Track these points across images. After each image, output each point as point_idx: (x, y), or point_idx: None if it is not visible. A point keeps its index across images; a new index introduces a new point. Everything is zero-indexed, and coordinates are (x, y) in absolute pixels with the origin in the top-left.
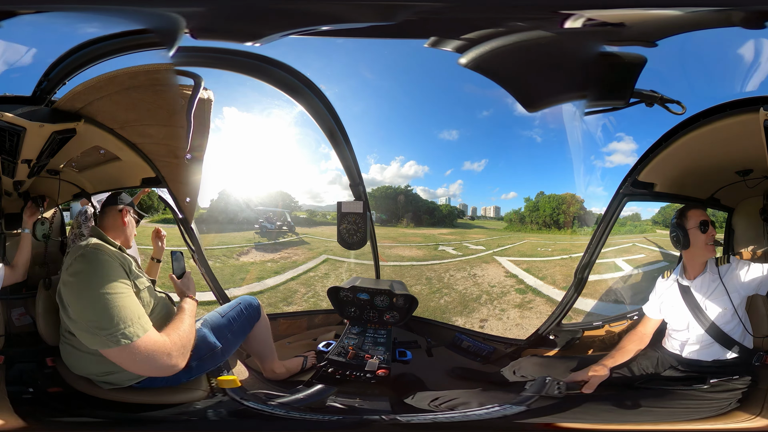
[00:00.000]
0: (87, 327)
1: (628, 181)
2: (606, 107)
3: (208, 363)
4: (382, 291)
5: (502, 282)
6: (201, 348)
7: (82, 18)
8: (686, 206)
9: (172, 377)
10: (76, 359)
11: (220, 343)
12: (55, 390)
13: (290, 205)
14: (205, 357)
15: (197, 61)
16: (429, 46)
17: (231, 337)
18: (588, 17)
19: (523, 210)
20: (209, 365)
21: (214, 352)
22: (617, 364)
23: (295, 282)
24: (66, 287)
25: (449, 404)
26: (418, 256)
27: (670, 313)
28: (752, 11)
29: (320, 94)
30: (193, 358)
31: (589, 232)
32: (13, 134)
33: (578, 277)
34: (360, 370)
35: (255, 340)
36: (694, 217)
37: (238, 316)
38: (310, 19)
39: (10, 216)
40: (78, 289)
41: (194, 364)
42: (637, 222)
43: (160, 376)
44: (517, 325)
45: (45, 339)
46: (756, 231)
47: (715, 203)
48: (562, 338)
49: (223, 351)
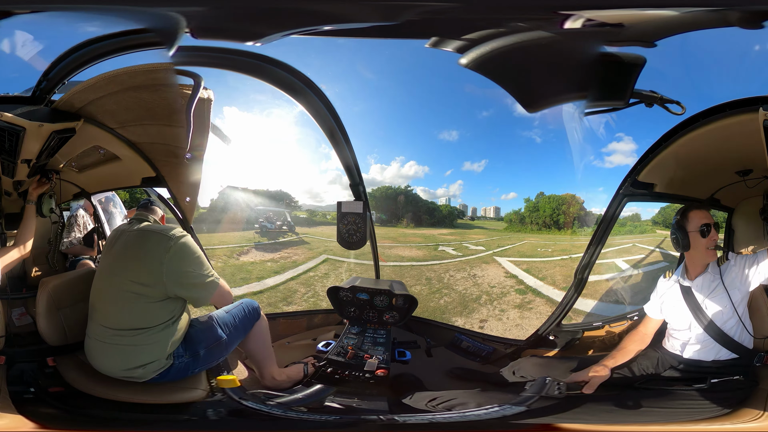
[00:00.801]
0: (199, 282)
1: (628, 182)
2: (606, 107)
3: (215, 353)
4: (382, 291)
5: (502, 282)
6: (209, 337)
7: (81, 17)
8: (688, 206)
9: (184, 369)
10: (105, 356)
11: (225, 335)
12: (56, 390)
13: (290, 204)
14: (212, 346)
15: (198, 61)
16: (430, 46)
17: (234, 332)
18: (587, 18)
19: (523, 210)
20: (215, 356)
21: (219, 342)
22: (618, 364)
23: (295, 282)
24: (179, 260)
25: (447, 404)
26: (418, 257)
27: (671, 314)
28: (750, 11)
29: (321, 94)
30: (201, 345)
31: (589, 232)
32: (13, 134)
33: (578, 278)
34: (359, 369)
35: (254, 341)
36: (696, 219)
37: (239, 314)
38: (311, 19)
39: (10, 216)
40: (191, 258)
41: (202, 353)
42: (637, 222)
43: (227, 305)
44: (516, 325)
45: (45, 339)
46: (756, 231)
47: (715, 203)
48: (562, 339)
49: (227, 344)
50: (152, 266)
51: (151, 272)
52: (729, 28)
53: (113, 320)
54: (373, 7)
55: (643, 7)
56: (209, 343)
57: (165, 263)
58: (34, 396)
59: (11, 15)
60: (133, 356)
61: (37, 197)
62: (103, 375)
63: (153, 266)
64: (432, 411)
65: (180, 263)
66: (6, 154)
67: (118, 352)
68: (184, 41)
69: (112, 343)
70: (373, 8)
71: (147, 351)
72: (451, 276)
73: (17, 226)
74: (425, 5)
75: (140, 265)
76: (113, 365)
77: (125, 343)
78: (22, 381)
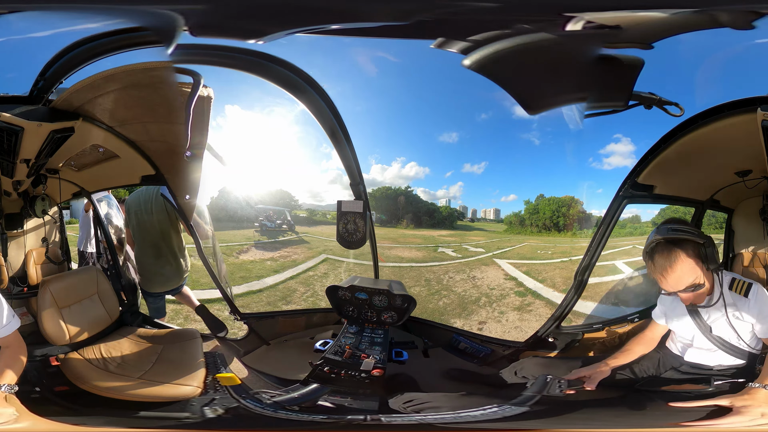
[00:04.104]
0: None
1: (628, 184)
2: (605, 109)
3: None
4: (381, 291)
5: (501, 284)
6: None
7: (79, 16)
8: (654, 247)
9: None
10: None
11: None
12: (61, 389)
13: (290, 203)
14: None
15: (199, 59)
16: (435, 47)
17: None
18: (587, 20)
19: (523, 212)
20: None
21: None
22: (620, 364)
23: (294, 281)
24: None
25: (424, 407)
26: (418, 258)
27: (676, 326)
28: (737, 11)
29: (323, 93)
30: None
31: (589, 234)
32: (11, 134)
33: (578, 280)
34: (355, 369)
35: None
36: (655, 275)
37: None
38: (319, 17)
39: (10, 216)
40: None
41: None
42: (637, 224)
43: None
44: (516, 327)
45: (47, 338)
46: (756, 231)
47: (715, 204)
48: (561, 341)
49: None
50: None
51: None
52: (724, 29)
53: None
54: (379, 7)
55: (638, 9)
56: None
57: None
58: (41, 395)
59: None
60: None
61: (30, 199)
62: (103, 374)
63: None
64: (423, 412)
65: None
66: (5, 154)
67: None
68: (186, 39)
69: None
70: (378, 8)
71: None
72: (451, 277)
73: (17, 226)
74: (433, 6)
75: None
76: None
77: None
78: (26, 381)
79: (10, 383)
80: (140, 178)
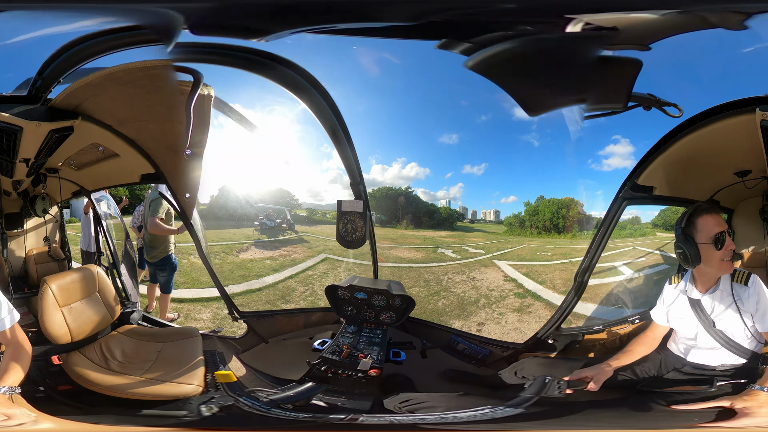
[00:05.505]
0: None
1: (628, 185)
2: (604, 111)
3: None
4: (380, 291)
5: (501, 286)
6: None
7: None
8: (695, 210)
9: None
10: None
11: None
12: (64, 388)
13: (290, 202)
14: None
15: (200, 58)
16: (439, 48)
17: None
18: (585, 21)
19: (523, 214)
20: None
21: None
22: (622, 365)
23: (294, 280)
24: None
25: (417, 407)
26: (417, 258)
27: (678, 324)
28: (728, 12)
29: (324, 93)
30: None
31: (589, 236)
32: (10, 134)
33: (578, 281)
34: (352, 369)
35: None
36: (707, 227)
37: None
38: (327, 17)
39: (10, 216)
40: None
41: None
42: (637, 225)
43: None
44: (515, 329)
45: (48, 337)
46: (756, 231)
47: (715, 205)
48: (560, 342)
49: None
50: None
51: None
52: (719, 30)
53: None
54: (383, 8)
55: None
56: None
57: None
58: (45, 395)
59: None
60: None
61: (31, 198)
62: (105, 372)
63: None
64: (418, 412)
65: None
66: (4, 153)
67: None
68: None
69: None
70: (382, 9)
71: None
72: (450, 278)
73: (17, 225)
74: (435, 8)
75: None
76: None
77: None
78: (30, 380)
79: (11, 385)
80: (140, 176)
